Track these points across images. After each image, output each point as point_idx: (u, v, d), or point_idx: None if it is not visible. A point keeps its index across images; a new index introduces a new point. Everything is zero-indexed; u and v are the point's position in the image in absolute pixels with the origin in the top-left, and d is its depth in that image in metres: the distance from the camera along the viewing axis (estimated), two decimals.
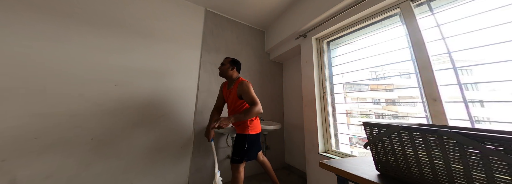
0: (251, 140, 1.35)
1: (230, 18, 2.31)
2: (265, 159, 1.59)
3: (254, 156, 1.41)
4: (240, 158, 1.31)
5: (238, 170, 1.29)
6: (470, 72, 0.93)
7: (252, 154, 1.38)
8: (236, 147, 1.35)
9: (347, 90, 1.66)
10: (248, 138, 1.34)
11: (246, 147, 1.32)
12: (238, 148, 1.33)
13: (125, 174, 1.37)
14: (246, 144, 1.33)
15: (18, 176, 1.05)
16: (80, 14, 1.36)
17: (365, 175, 0.59)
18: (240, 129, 1.37)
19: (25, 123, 1.10)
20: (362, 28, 1.48)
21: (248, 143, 1.33)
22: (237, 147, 1.34)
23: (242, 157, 1.31)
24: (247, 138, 1.34)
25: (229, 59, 1.49)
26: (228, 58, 1.50)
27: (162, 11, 1.78)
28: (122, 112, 1.41)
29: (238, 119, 1.18)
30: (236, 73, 1.48)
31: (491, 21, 0.82)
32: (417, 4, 1.12)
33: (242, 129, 1.36)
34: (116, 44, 1.47)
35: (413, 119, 1.16)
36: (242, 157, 1.31)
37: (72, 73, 1.27)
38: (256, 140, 1.40)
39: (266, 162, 1.58)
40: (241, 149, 1.32)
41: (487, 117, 0.88)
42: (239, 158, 1.30)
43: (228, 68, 1.44)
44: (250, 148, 1.34)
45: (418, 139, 0.51)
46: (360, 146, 1.43)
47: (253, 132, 1.37)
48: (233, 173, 1.30)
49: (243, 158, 1.31)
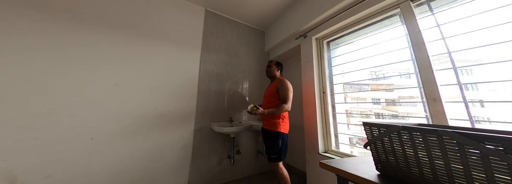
0: (283, 138, 1.38)
1: (230, 18, 2.31)
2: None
3: (285, 155, 1.42)
4: (277, 156, 1.32)
5: (279, 168, 1.31)
6: (470, 72, 0.93)
7: (285, 153, 1.41)
8: (270, 144, 1.36)
9: (347, 90, 1.66)
10: (280, 136, 1.36)
11: (280, 145, 1.34)
12: (273, 146, 1.34)
13: (125, 174, 1.37)
14: (279, 142, 1.35)
15: (18, 176, 1.05)
16: (81, 14, 1.36)
17: (365, 175, 0.59)
18: (271, 126, 1.38)
19: (25, 123, 1.10)
20: (362, 28, 1.48)
21: (280, 141, 1.36)
22: (271, 145, 1.35)
23: (279, 155, 1.33)
24: (280, 136, 1.36)
25: (274, 61, 1.67)
26: (273, 61, 1.67)
27: (162, 11, 1.78)
28: (121, 112, 1.41)
29: (269, 112, 1.31)
30: (278, 73, 1.67)
31: (491, 21, 0.82)
32: (417, 4, 1.12)
33: (273, 126, 1.37)
34: (116, 44, 1.47)
35: (413, 119, 1.16)
36: (279, 155, 1.33)
37: (72, 73, 1.27)
38: (286, 140, 1.42)
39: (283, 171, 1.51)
40: (276, 147, 1.34)
41: (487, 117, 0.88)
42: (276, 156, 1.32)
43: (274, 69, 1.63)
44: (283, 146, 1.37)
45: (418, 139, 0.51)
46: (360, 146, 1.43)
47: (285, 131, 1.40)
48: (277, 172, 1.32)
49: (280, 155, 1.33)
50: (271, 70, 1.63)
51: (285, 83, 1.45)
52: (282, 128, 1.38)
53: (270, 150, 1.36)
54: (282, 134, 1.38)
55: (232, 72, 2.17)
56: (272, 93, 1.50)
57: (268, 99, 1.54)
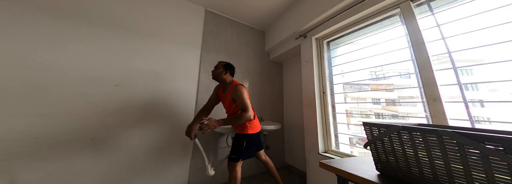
0: (249, 139, 1.36)
1: (230, 18, 2.31)
2: (268, 159, 1.59)
3: (251, 155, 1.41)
4: (237, 156, 1.31)
5: (235, 169, 1.30)
6: (470, 72, 0.93)
7: (250, 153, 1.39)
8: (234, 146, 1.35)
9: (347, 90, 1.66)
10: (246, 137, 1.35)
11: (243, 146, 1.33)
12: (236, 147, 1.34)
13: (125, 174, 1.37)
14: (244, 143, 1.33)
15: (18, 176, 1.05)
16: (81, 14, 1.36)
17: (365, 175, 0.59)
18: (240, 129, 1.38)
19: (25, 123, 1.10)
20: (362, 28, 1.48)
21: (246, 142, 1.34)
22: (235, 146, 1.35)
23: (239, 155, 1.32)
24: (245, 138, 1.34)
25: (222, 63, 1.47)
26: (221, 62, 1.48)
27: (162, 11, 1.78)
28: (122, 112, 1.41)
29: (227, 123, 1.21)
30: (229, 77, 1.46)
31: (491, 21, 0.82)
32: (417, 4, 1.12)
33: (241, 129, 1.36)
34: (116, 44, 1.47)
35: (413, 119, 1.16)
36: (239, 155, 1.32)
37: (73, 73, 1.27)
38: (254, 139, 1.40)
39: (269, 161, 1.58)
40: (239, 148, 1.33)
41: (487, 117, 0.88)
42: (236, 156, 1.31)
43: (221, 72, 1.42)
44: (248, 147, 1.35)
45: (418, 139, 0.51)
46: (360, 146, 1.43)
47: (252, 132, 1.37)
48: (230, 172, 1.30)
49: (240, 156, 1.32)
50: (218, 72, 1.41)
51: (239, 90, 1.30)
52: (249, 129, 1.36)
53: (233, 150, 1.35)
54: (248, 136, 1.35)
55: None
56: (230, 103, 1.39)
57: (230, 112, 1.44)
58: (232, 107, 1.40)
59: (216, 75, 1.42)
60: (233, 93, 1.32)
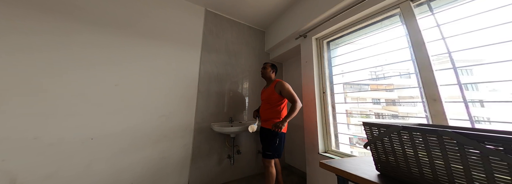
0: (281, 138, 1.43)
1: (230, 18, 2.31)
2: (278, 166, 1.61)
3: (280, 154, 1.47)
4: (272, 153, 1.38)
5: (271, 165, 1.37)
6: (470, 72, 0.93)
7: (281, 152, 1.46)
8: (268, 142, 1.41)
9: (347, 90, 1.66)
10: (279, 135, 1.42)
11: (277, 143, 1.39)
12: (270, 144, 1.40)
13: (125, 174, 1.37)
14: (277, 140, 1.40)
15: (18, 176, 1.05)
16: (80, 13, 1.36)
17: (365, 175, 0.59)
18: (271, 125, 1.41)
19: (25, 123, 1.10)
20: (362, 28, 1.48)
21: (278, 140, 1.41)
22: (268, 143, 1.40)
23: (274, 152, 1.38)
24: (278, 135, 1.41)
25: (269, 63, 1.73)
26: (268, 63, 1.73)
27: (162, 11, 1.78)
28: (122, 112, 1.41)
29: (290, 117, 1.36)
30: (274, 75, 1.72)
31: (491, 21, 0.82)
32: (417, 4, 1.12)
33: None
34: (116, 44, 1.47)
35: (413, 119, 1.16)
36: (274, 152, 1.38)
37: (72, 73, 1.27)
38: (284, 139, 1.48)
39: (278, 168, 1.60)
40: (273, 145, 1.39)
41: (487, 117, 0.88)
42: (272, 153, 1.38)
43: (269, 71, 1.68)
44: (280, 145, 1.42)
45: (418, 139, 0.51)
46: (360, 146, 1.43)
47: (284, 131, 1.45)
48: (267, 168, 1.38)
49: (274, 153, 1.38)
50: (266, 71, 1.68)
51: (284, 84, 1.50)
52: (284, 129, 1.43)
53: (266, 147, 1.41)
54: (281, 134, 1.43)
55: (232, 72, 2.17)
56: (271, 95, 1.54)
57: (268, 101, 1.57)
58: (272, 98, 1.54)
59: (265, 73, 1.68)
60: (278, 86, 1.51)
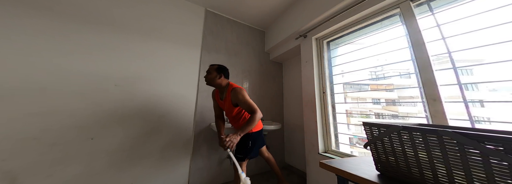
0: (253, 138, 1.37)
1: (230, 18, 2.31)
2: (270, 155, 1.61)
3: (256, 154, 1.43)
4: (243, 156, 1.32)
5: (242, 168, 1.30)
6: (470, 72, 0.93)
7: (255, 152, 1.41)
8: (239, 145, 1.35)
9: (347, 90, 1.66)
10: (251, 136, 1.36)
11: (249, 146, 1.34)
12: (241, 147, 1.35)
13: (125, 174, 1.37)
14: (249, 143, 1.34)
15: (18, 176, 1.05)
16: (80, 13, 1.36)
17: (365, 175, 0.59)
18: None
19: (25, 123, 1.10)
20: (362, 28, 1.48)
21: (251, 142, 1.35)
22: (240, 146, 1.35)
23: (245, 155, 1.33)
24: (250, 137, 1.35)
25: (214, 66, 1.38)
26: (213, 66, 1.39)
27: (162, 11, 1.78)
28: (122, 112, 1.41)
29: (245, 131, 1.15)
30: (225, 81, 1.37)
31: (491, 21, 0.82)
32: (417, 4, 1.12)
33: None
34: (116, 44, 1.47)
35: (413, 119, 1.16)
36: (245, 155, 1.33)
37: (72, 73, 1.27)
38: (258, 137, 1.42)
39: (271, 158, 1.60)
40: (245, 148, 1.34)
41: (487, 117, 0.88)
42: (242, 156, 1.32)
43: (215, 77, 1.32)
44: (253, 146, 1.37)
45: (418, 139, 0.51)
46: (360, 146, 1.43)
47: (255, 130, 1.39)
48: (236, 172, 1.29)
49: (245, 156, 1.32)
50: (211, 77, 1.32)
51: (238, 93, 1.24)
52: (253, 128, 1.33)
53: (238, 150, 1.36)
54: (252, 135, 1.36)
55: (232, 72, 2.16)
56: (232, 108, 1.33)
57: (232, 115, 1.38)
58: (234, 111, 1.35)
59: (210, 80, 1.34)
60: (233, 98, 1.26)
